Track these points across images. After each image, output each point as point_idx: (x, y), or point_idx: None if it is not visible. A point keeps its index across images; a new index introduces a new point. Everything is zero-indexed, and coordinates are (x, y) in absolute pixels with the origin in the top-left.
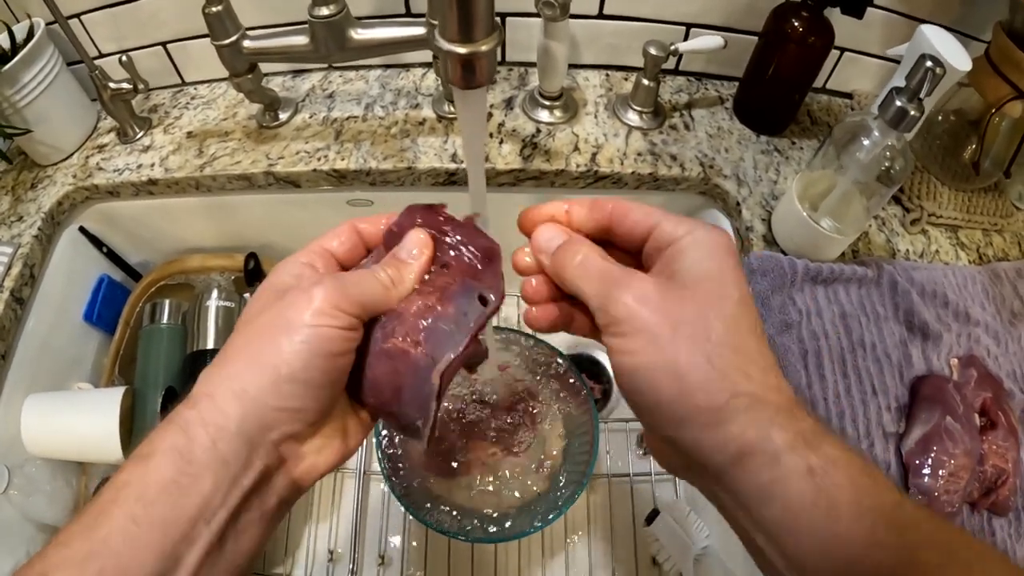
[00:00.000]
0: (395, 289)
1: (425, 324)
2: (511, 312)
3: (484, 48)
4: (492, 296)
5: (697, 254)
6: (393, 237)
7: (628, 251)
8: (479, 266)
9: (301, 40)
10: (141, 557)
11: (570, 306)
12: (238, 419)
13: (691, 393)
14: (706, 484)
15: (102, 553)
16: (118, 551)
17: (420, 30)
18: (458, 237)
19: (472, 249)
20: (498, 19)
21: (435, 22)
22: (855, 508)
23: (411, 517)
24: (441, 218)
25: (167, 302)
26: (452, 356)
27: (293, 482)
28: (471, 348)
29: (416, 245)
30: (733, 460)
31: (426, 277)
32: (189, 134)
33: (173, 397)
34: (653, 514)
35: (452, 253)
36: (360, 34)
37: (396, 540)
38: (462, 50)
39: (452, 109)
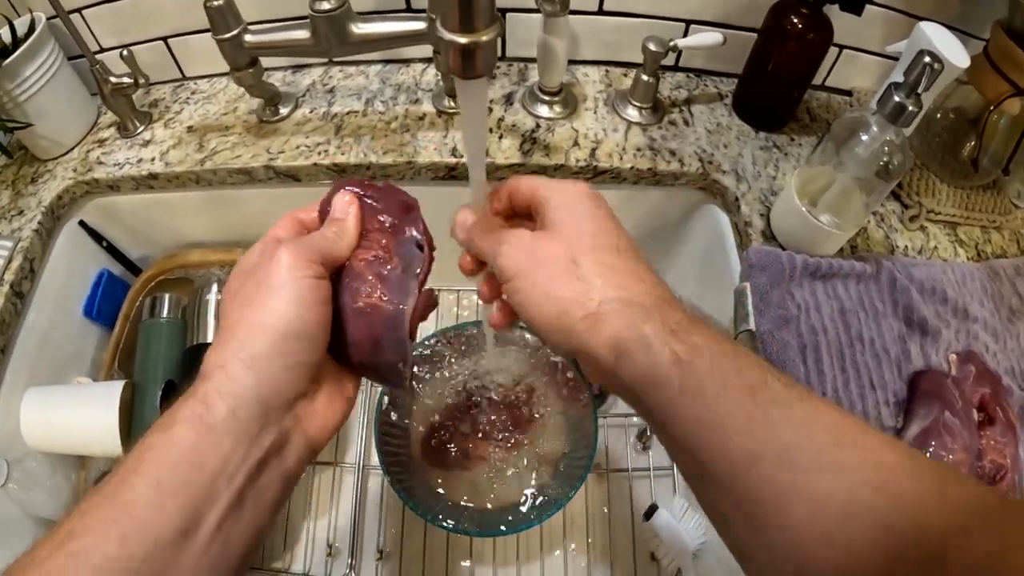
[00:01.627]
0: (342, 240)
1: (383, 277)
2: None
3: (484, 38)
4: (424, 242)
5: (557, 202)
6: (327, 209)
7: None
8: (400, 218)
9: (302, 34)
10: (164, 517)
11: None
12: (253, 385)
13: (568, 306)
14: (617, 390)
15: (124, 518)
16: (141, 514)
17: (420, 24)
18: (381, 198)
19: (393, 204)
20: (498, 13)
21: (436, 16)
22: (720, 390)
23: (410, 511)
24: (362, 186)
25: (167, 296)
26: (414, 300)
27: (309, 440)
28: (424, 292)
29: (343, 203)
30: (617, 355)
31: (367, 240)
32: (189, 128)
33: (173, 391)
34: (651, 509)
35: (380, 215)
36: (361, 28)
37: (395, 534)
38: (463, 40)
39: (452, 104)
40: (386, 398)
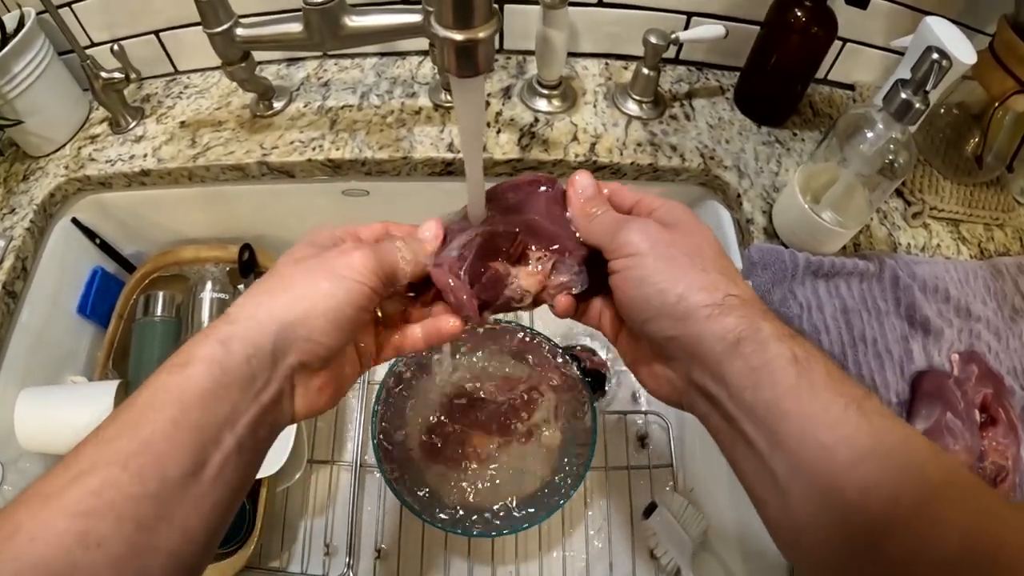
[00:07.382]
0: (408, 268)
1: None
2: None
3: (482, 35)
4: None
5: (670, 209)
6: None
7: None
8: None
9: (295, 27)
10: (178, 456)
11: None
12: (272, 341)
13: (694, 293)
14: (698, 393)
15: (145, 452)
16: (159, 450)
17: (416, 17)
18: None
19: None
20: (496, 6)
21: (431, 8)
22: (831, 393)
23: (407, 510)
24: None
25: (161, 294)
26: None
27: (292, 413)
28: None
29: (429, 230)
30: (731, 347)
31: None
32: (182, 124)
33: None
34: (651, 508)
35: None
36: (355, 21)
37: (393, 533)
38: (459, 37)
39: (449, 98)
40: (383, 395)
